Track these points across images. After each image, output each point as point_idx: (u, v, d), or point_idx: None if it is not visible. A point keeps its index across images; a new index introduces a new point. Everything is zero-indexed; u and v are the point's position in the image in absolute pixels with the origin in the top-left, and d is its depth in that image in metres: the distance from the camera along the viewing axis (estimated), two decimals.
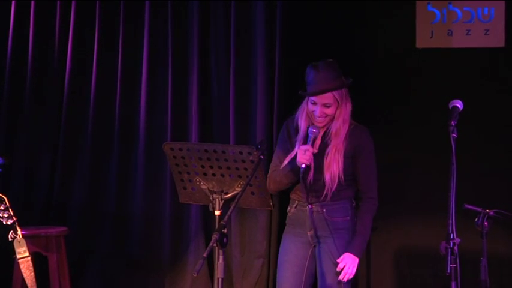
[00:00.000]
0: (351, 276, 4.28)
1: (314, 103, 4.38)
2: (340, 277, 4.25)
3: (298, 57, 6.64)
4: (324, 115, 4.37)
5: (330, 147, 4.33)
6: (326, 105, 4.37)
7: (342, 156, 4.31)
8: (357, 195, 4.53)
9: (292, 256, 4.37)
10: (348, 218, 4.31)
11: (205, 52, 6.65)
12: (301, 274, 4.37)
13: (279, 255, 4.55)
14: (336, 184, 4.31)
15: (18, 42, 6.75)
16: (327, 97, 4.37)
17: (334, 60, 4.52)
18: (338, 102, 4.37)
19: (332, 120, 4.40)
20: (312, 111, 4.39)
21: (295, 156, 4.31)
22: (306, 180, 4.32)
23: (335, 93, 4.39)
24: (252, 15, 6.53)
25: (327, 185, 4.30)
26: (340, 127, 4.36)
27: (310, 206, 4.34)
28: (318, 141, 4.41)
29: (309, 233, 4.35)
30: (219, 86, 6.65)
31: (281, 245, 4.55)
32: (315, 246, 4.38)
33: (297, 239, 4.40)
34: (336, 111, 4.39)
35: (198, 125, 6.58)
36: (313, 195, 4.34)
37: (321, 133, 4.41)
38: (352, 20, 6.83)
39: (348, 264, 4.26)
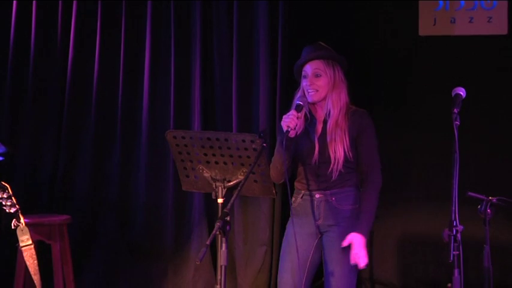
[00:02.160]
0: (366, 260, 4.12)
1: (305, 76, 4.32)
2: (352, 261, 4.13)
3: (301, 47, 6.64)
4: (315, 87, 4.29)
5: (331, 127, 4.25)
6: (316, 75, 4.28)
7: (345, 134, 4.23)
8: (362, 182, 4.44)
9: (295, 248, 4.31)
10: (358, 205, 4.25)
11: (207, 42, 6.67)
12: (304, 266, 4.31)
13: (282, 246, 4.46)
14: (342, 161, 4.20)
15: (20, 32, 6.75)
16: (316, 64, 4.30)
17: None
18: (328, 75, 4.29)
19: (325, 100, 4.29)
20: (305, 87, 4.32)
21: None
22: (290, 148, 4.23)
23: (324, 62, 4.32)
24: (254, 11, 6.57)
25: (332, 162, 4.20)
26: (339, 111, 4.28)
27: (317, 195, 4.28)
28: (301, 121, 4.28)
29: (317, 223, 4.28)
30: (221, 75, 6.65)
31: (284, 235, 4.46)
32: (321, 236, 4.31)
33: (302, 231, 4.32)
34: (328, 89, 4.29)
35: (200, 114, 6.59)
36: (319, 181, 4.27)
37: (320, 119, 4.32)
38: (355, 13, 6.83)
39: (356, 245, 4.12)
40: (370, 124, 4.33)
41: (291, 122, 4.13)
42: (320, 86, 4.30)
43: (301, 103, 4.24)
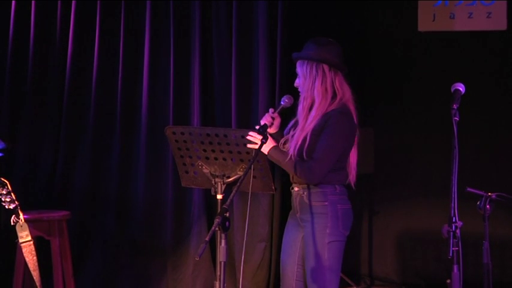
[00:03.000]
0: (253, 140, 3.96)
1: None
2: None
3: (300, 46, 6.64)
4: (297, 85, 4.28)
5: (299, 126, 4.21)
6: (298, 76, 4.27)
7: (308, 132, 4.13)
8: (343, 181, 4.34)
9: (287, 240, 4.34)
10: (327, 203, 4.18)
11: (207, 41, 6.67)
12: (295, 257, 4.31)
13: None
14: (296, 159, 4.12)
15: (19, 31, 6.74)
16: (298, 65, 4.29)
17: (333, 41, 4.39)
18: (304, 76, 4.20)
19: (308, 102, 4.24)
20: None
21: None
22: (237, 143, 4.13)
23: (301, 63, 4.23)
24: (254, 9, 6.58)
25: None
26: (305, 108, 4.21)
27: (295, 188, 4.28)
28: (278, 120, 4.23)
29: (297, 216, 4.30)
30: (220, 73, 6.66)
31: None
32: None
33: (291, 222, 4.35)
34: (305, 87, 4.21)
35: (199, 110, 6.60)
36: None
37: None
38: (354, 12, 6.84)
39: (256, 138, 3.96)
40: (333, 123, 4.15)
41: (264, 120, 4.15)
42: (296, 85, 4.28)
43: (281, 103, 4.24)
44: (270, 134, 4.16)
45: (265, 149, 4.04)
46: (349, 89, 4.26)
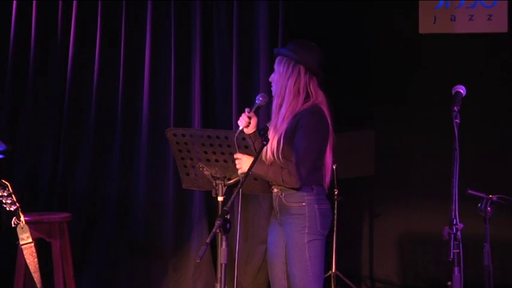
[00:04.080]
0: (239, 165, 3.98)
1: None
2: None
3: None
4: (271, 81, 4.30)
5: (272, 126, 4.23)
6: (274, 70, 4.30)
7: (281, 135, 4.14)
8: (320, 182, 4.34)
9: (271, 240, 4.35)
10: (304, 203, 4.19)
11: (208, 41, 6.68)
12: (282, 257, 4.32)
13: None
14: (270, 159, 4.10)
15: (20, 31, 6.75)
16: (276, 61, 4.28)
17: (315, 46, 4.31)
18: (280, 73, 4.22)
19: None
20: None
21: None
22: (238, 145, 4.13)
23: (280, 59, 4.24)
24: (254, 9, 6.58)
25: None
26: (276, 106, 4.23)
27: (275, 190, 4.29)
28: (254, 119, 4.25)
29: (277, 216, 4.32)
30: (221, 74, 6.67)
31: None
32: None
33: (273, 222, 4.36)
34: (278, 84, 4.22)
35: (200, 110, 6.60)
36: None
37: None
38: (355, 13, 6.84)
39: (241, 160, 3.99)
40: (306, 122, 4.16)
41: (241, 120, 4.13)
42: (273, 81, 4.28)
43: (256, 101, 4.23)
44: (248, 134, 4.11)
45: (245, 168, 3.93)
46: (323, 94, 4.24)
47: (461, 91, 3.89)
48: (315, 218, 4.17)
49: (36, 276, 4.78)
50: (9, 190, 4.67)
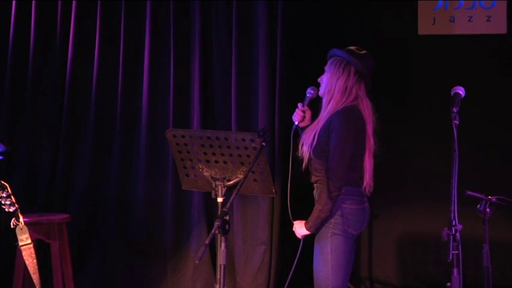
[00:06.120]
0: (298, 234, 4.32)
1: None
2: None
3: (300, 46, 6.64)
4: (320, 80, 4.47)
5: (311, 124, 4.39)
6: (325, 71, 4.47)
7: (315, 134, 4.26)
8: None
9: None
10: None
11: (207, 41, 6.67)
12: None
13: None
14: (306, 159, 4.31)
15: (19, 31, 6.75)
16: (328, 62, 4.48)
17: (369, 55, 4.63)
18: (331, 72, 4.41)
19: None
20: None
21: None
22: (295, 140, 4.36)
23: (332, 60, 4.45)
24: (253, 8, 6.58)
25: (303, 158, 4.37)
26: (325, 103, 4.38)
27: (315, 187, 4.39)
28: (309, 112, 4.48)
29: None
30: (220, 74, 6.66)
31: None
32: None
33: None
34: (328, 82, 4.40)
35: (199, 110, 6.60)
36: (312, 174, 4.37)
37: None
38: (354, 13, 6.83)
39: (296, 229, 4.32)
40: (336, 126, 4.25)
41: (295, 116, 4.40)
42: (322, 81, 4.42)
43: (307, 95, 4.45)
44: (305, 126, 4.40)
45: (303, 231, 4.29)
46: (369, 101, 4.51)
47: (461, 92, 3.90)
48: (342, 216, 4.26)
49: (35, 277, 4.78)
50: (8, 191, 4.68)
